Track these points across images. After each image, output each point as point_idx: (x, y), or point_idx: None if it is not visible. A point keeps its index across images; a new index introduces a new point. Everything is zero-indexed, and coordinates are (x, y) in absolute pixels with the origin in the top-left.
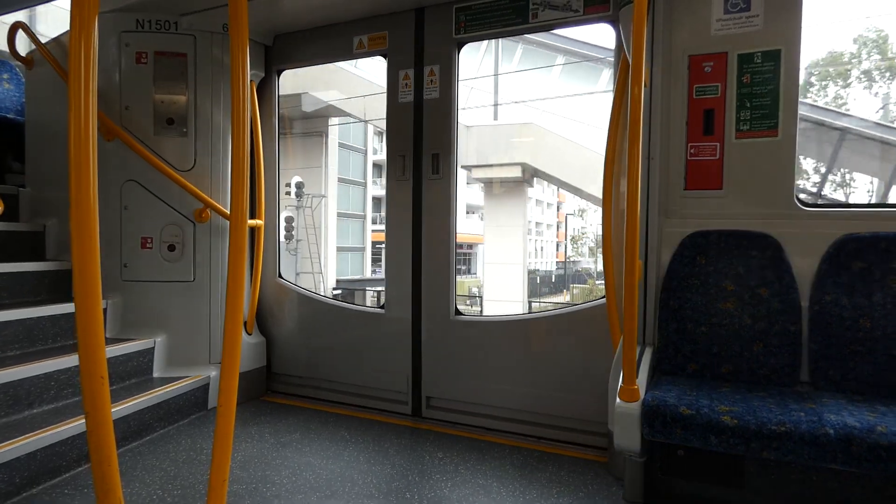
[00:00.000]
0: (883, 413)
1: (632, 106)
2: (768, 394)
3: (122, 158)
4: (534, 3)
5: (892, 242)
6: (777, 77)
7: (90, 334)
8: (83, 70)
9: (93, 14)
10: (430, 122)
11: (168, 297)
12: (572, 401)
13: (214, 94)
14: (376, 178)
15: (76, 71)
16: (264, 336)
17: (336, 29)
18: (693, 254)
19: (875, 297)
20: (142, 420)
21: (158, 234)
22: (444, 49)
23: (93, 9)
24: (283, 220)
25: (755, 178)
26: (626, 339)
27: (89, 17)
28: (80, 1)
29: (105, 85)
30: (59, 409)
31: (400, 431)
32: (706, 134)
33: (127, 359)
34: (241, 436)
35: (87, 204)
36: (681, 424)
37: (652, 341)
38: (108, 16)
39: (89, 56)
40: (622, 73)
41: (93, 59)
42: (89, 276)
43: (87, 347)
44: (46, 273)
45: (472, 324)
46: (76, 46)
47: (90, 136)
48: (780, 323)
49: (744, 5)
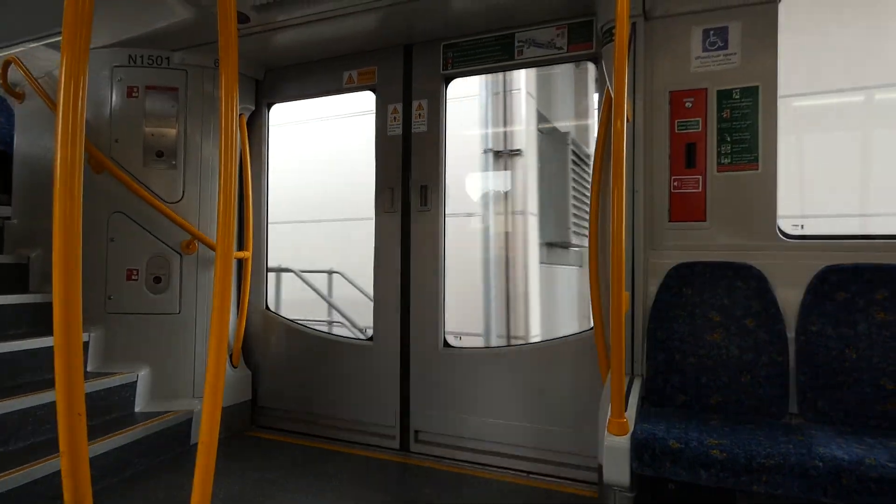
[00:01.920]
0: (871, 445)
1: (615, 140)
2: (757, 426)
3: (110, 190)
4: (519, 40)
5: (873, 273)
6: (756, 112)
7: (69, 368)
8: (72, 102)
9: (84, 49)
10: (418, 154)
11: (152, 330)
12: (562, 434)
13: (205, 127)
14: None
15: (65, 103)
16: (250, 369)
17: (326, 64)
18: (679, 285)
19: (859, 327)
20: (121, 457)
21: (144, 265)
22: (432, 84)
23: (84, 43)
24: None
25: (738, 210)
26: (614, 371)
27: (80, 52)
28: (71, 35)
29: (95, 118)
30: (35, 445)
31: (387, 467)
32: (689, 167)
33: (108, 393)
34: (223, 472)
35: (72, 235)
36: (670, 458)
37: (640, 372)
38: (101, 51)
39: (79, 89)
40: (605, 108)
41: (82, 92)
42: (70, 309)
43: (64, 382)
44: (28, 305)
45: (460, 355)
46: (66, 79)
47: (76, 168)
48: (768, 354)
49: (721, 43)
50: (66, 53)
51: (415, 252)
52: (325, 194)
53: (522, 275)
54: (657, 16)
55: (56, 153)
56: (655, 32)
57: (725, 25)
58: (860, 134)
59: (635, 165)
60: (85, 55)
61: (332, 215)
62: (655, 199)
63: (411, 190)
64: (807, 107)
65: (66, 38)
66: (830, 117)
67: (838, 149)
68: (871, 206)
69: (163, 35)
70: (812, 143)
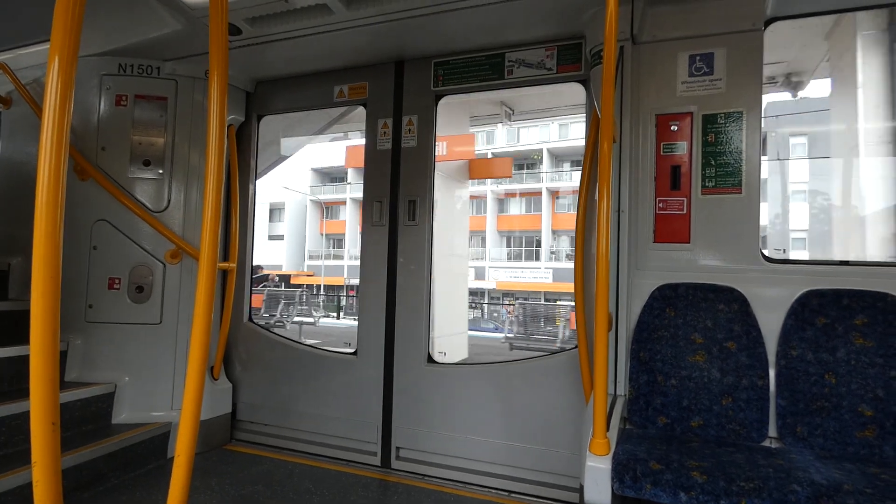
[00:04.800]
0: (849, 471)
1: (601, 160)
2: (737, 449)
3: (94, 198)
4: (509, 60)
5: (853, 299)
6: (740, 137)
7: (44, 378)
8: (58, 109)
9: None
10: (407, 169)
11: (133, 340)
12: (545, 453)
13: (193, 136)
14: None
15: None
16: (231, 381)
17: (317, 78)
18: (662, 306)
19: (839, 353)
20: (95, 469)
21: (127, 274)
22: (423, 100)
23: (73, 51)
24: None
25: (721, 233)
26: (597, 391)
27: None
28: (60, 43)
29: (83, 125)
30: (8, 455)
31: (368, 484)
32: (674, 189)
33: (85, 404)
34: (199, 487)
35: (53, 243)
36: (650, 479)
37: (623, 392)
38: (91, 59)
39: (66, 96)
40: (592, 129)
41: (69, 100)
42: (48, 318)
43: (40, 391)
44: (6, 313)
45: (444, 371)
46: (53, 86)
47: (60, 174)
48: (749, 377)
49: (707, 69)
50: (53, 60)
51: (401, 266)
52: None
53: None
54: (644, 41)
55: (40, 159)
56: (643, 56)
57: (711, 52)
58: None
59: (621, 186)
60: (73, 63)
61: None
62: (640, 220)
63: (399, 204)
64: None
65: (55, 46)
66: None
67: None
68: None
69: (154, 45)
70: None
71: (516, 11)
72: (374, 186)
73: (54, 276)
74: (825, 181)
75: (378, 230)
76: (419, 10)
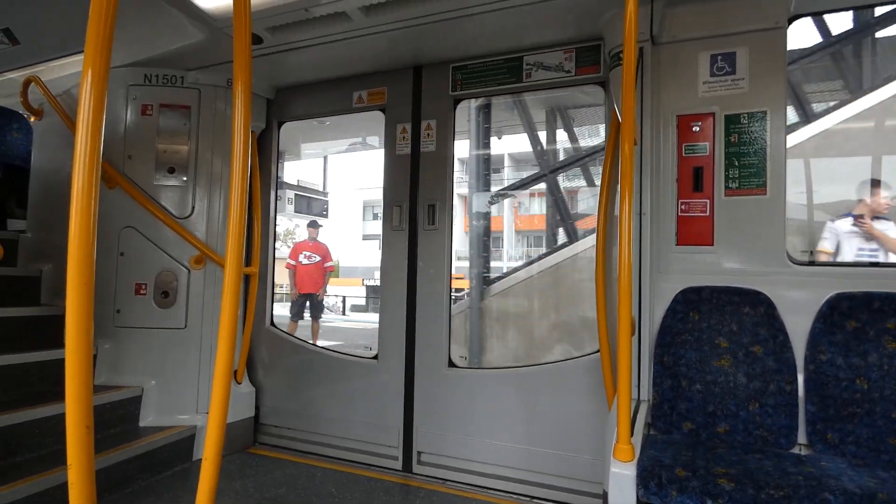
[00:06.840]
0: (884, 479)
1: (623, 163)
2: (765, 455)
3: (121, 205)
4: (527, 63)
5: (885, 302)
6: (764, 137)
7: (79, 382)
8: (91, 121)
9: (105, 69)
10: (426, 174)
11: (158, 344)
12: (567, 459)
13: (216, 144)
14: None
15: (85, 121)
16: (254, 385)
17: (337, 84)
18: (686, 310)
19: (871, 357)
20: (124, 471)
21: (153, 280)
22: (441, 105)
23: (105, 63)
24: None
25: (745, 235)
26: (621, 396)
27: (101, 73)
28: (93, 56)
29: (110, 134)
30: (43, 457)
31: (389, 488)
32: (696, 191)
33: (114, 406)
34: (224, 490)
35: (87, 251)
36: (676, 486)
37: (647, 397)
38: (118, 70)
39: (99, 108)
40: (613, 131)
41: (102, 111)
42: (83, 324)
43: (75, 395)
44: (38, 318)
45: (466, 376)
46: (87, 99)
47: (93, 184)
48: (776, 382)
49: (729, 69)
50: (87, 75)
51: (421, 270)
52: None
53: None
54: (664, 41)
55: (74, 170)
56: (663, 57)
57: (733, 51)
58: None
59: (642, 189)
60: (105, 76)
61: None
62: (662, 222)
63: (419, 208)
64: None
65: (88, 61)
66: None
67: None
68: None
69: (177, 55)
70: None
71: (534, 14)
72: (393, 191)
73: (88, 283)
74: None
75: (398, 234)
76: (437, 16)
